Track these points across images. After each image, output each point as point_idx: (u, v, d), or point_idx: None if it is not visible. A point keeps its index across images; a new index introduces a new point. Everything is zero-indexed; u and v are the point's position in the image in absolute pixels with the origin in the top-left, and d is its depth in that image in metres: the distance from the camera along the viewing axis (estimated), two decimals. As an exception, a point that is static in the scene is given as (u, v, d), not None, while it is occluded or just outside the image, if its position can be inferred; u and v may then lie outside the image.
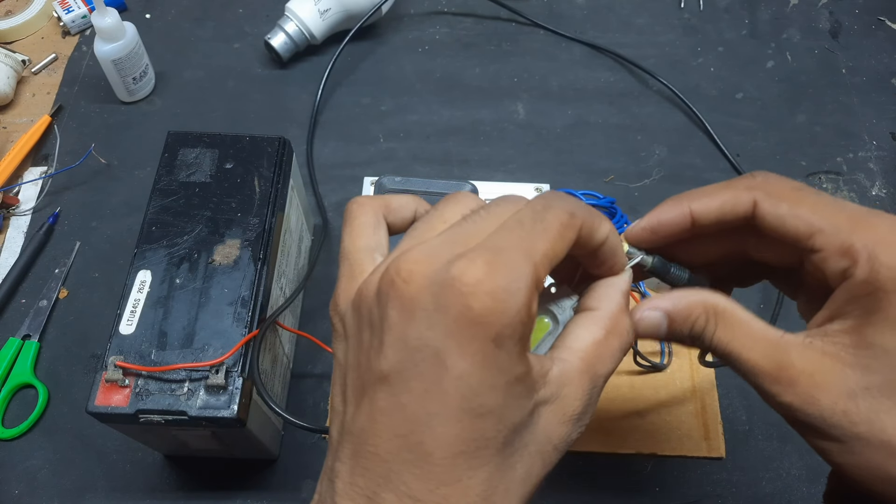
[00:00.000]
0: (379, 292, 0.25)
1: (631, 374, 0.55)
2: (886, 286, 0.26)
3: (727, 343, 0.29)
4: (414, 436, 0.23)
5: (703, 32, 0.76)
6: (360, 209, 0.30)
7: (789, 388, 0.27)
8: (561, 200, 0.26)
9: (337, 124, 0.69)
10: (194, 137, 0.51)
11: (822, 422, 0.27)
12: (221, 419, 0.41)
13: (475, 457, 0.24)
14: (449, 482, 0.23)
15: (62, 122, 0.69)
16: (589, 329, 0.28)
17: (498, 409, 0.24)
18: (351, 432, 0.25)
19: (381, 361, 0.24)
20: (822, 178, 0.66)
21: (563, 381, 0.27)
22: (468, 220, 0.26)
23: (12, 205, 0.64)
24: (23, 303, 0.59)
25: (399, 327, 0.24)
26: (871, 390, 0.26)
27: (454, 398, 0.23)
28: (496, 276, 0.23)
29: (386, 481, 0.24)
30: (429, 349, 0.23)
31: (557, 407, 0.26)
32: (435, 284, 0.23)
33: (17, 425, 0.53)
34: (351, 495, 0.24)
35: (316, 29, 0.71)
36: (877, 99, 0.71)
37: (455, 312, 0.23)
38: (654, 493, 0.51)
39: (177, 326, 0.43)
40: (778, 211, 0.28)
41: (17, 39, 0.75)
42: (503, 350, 0.23)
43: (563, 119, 0.70)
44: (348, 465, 0.25)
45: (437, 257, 0.24)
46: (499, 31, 0.77)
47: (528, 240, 0.24)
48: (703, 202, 0.30)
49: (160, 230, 0.47)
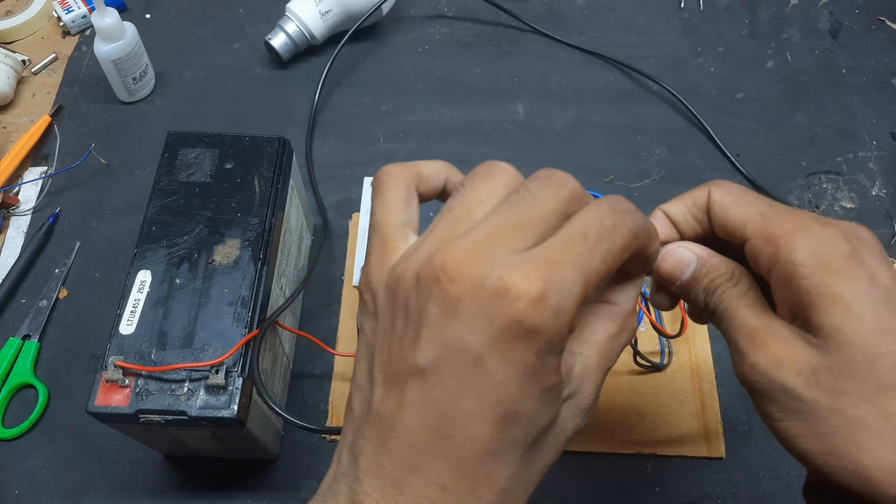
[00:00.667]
0: (419, 282, 0.25)
1: (631, 374, 0.55)
2: (804, 270, 0.27)
3: (733, 302, 0.30)
4: (445, 430, 0.24)
5: (703, 32, 0.76)
6: (391, 180, 0.30)
7: (762, 349, 0.28)
8: (629, 218, 0.26)
9: (337, 124, 0.69)
10: (194, 137, 0.51)
11: (784, 391, 0.27)
12: (221, 419, 0.41)
13: (504, 456, 0.24)
14: (477, 477, 0.24)
15: (62, 122, 0.69)
16: (605, 323, 0.29)
17: (531, 415, 0.24)
18: (379, 414, 0.26)
19: (416, 354, 0.24)
20: (822, 178, 0.66)
21: (583, 377, 0.27)
22: (512, 207, 0.25)
23: (12, 205, 0.64)
24: (23, 303, 0.59)
25: (439, 324, 0.24)
26: (832, 369, 0.27)
27: (491, 402, 0.24)
28: (549, 293, 0.23)
29: (414, 466, 0.24)
30: (470, 352, 0.23)
31: (574, 401, 0.27)
32: (483, 290, 0.23)
33: (17, 425, 0.53)
34: (376, 474, 0.25)
35: (316, 29, 0.71)
36: (877, 99, 0.71)
37: (501, 323, 0.23)
38: (654, 493, 0.51)
39: (177, 326, 0.43)
40: (724, 200, 0.31)
41: (17, 39, 0.75)
42: (542, 362, 0.24)
43: (563, 119, 0.70)
44: (373, 444, 0.25)
45: (485, 258, 0.24)
46: (499, 31, 0.77)
47: (589, 257, 0.24)
48: (672, 203, 0.34)
49: (160, 230, 0.47)
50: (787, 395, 0.27)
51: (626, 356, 0.55)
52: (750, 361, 0.28)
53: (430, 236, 0.26)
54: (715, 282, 0.31)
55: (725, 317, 0.30)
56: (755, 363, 0.28)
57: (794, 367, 0.27)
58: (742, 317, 0.30)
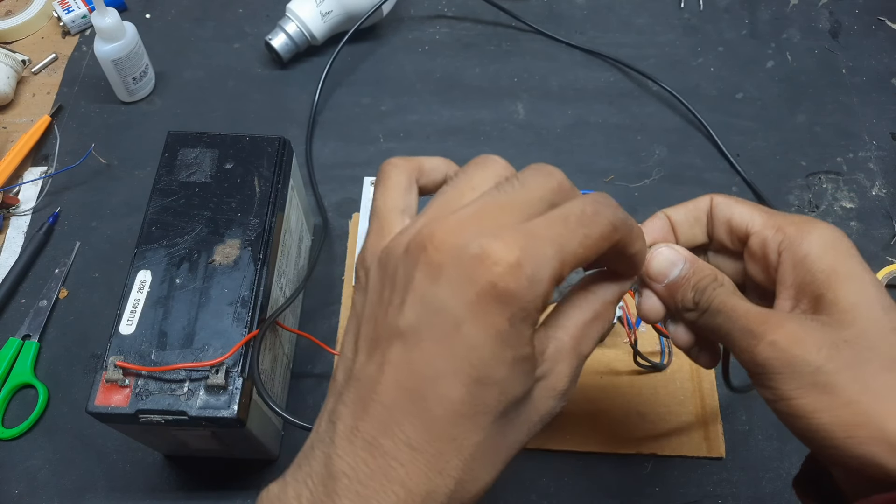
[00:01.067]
0: (407, 253, 0.26)
1: (631, 374, 0.55)
2: (818, 250, 0.30)
3: (728, 296, 0.31)
4: (419, 391, 0.25)
5: (703, 32, 0.76)
6: (393, 170, 0.31)
7: (778, 328, 0.29)
8: (611, 211, 0.27)
9: (337, 124, 0.69)
10: (194, 137, 0.51)
11: (806, 364, 0.28)
12: (221, 419, 0.41)
13: (473, 421, 0.25)
14: (445, 439, 0.25)
15: (62, 122, 0.69)
16: (581, 309, 0.30)
17: (502, 382, 0.25)
18: (358, 378, 0.26)
19: (399, 318, 0.25)
20: (822, 178, 0.66)
21: (556, 359, 0.28)
22: (500, 191, 0.27)
23: (12, 205, 0.64)
24: (23, 303, 0.59)
25: (422, 289, 0.25)
26: (849, 342, 0.28)
27: (463, 364, 0.24)
28: (525, 262, 0.24)
29: (386, 428, 0.25)
30: (448, 314, 0.24)
31: (548, 382, 0.28)
32: (465, 256, 0.24)
33: (17, 425, 0.53)
34: (350, 438, 0.25)
35: (317, 30, 0.71)
36: (877, 99, 0.71)
37: (479, 286, 0.24)
38: (654, 493, 0.51)
39: (177, 326, 0.43)
40: (728, 202, 0.35)
41: (17, 39, 0.75)
42: (515, 329, 0.24)
43: (562, 119, 0.70)
44: (351, 408, 0.26)
45: (470, 229, 0.25)
46: (499, 31, 0.77)
47: (566, 238, 0.25)
48: (675, 208, 0.36)
49: (160, 230, 0.47)
50: (809, 369, 0.28)
51: (626, 356, 0.55)
52: (769, 339, 0.29)
53: (422, 216, 0.28)
54: (703, 281, 0.32)
55: (723, 310, 0.31)
56: (775, 341, 0.29)
57: (814, 342, 0.28)
58: (744, 307, 0.31)
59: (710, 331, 0.32)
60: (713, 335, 0.32)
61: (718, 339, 0.32)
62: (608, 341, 0.56)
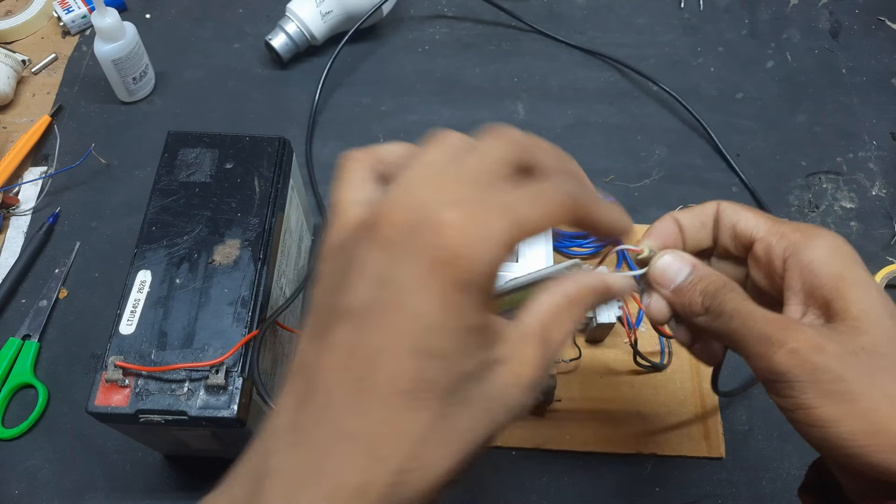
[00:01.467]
0: (359, 233, 0.25)
1: (631, 374, 0.55)
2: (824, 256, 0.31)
3: (741, 301, 0.31)
4: (359, 370, 0.23)
5: (703, 32, 0.76)
6: (350, 162, 0.30)
7: (797, 336, 0.29)
8: (568, 185, 0.26)
9: (337, 124, 0.69)
10: (194, 137, 0.51)
11: (827, 372, 0.28)
12: (221, 419, 0.41)
13: (417, 398, 0.23)
14: (387, 420, 0.23)
15: (62, 122, 0.69)
16: (553, 294, 0.28)
17: (449, 353, 0.23)
18: (303, 367, 0.25)
19: (349, 298, 0.24)
20: (822, 178, 0.66)
21: (519, 342, 0.26)
22: (456, 163, 0.26)
23: (12, 205, 0.64)
24: (23, 303, 0.59)
25: (371, 265, 0.24)
26: (866, 350, 0.28)
27: (407, 335, 0.23)
28: (474, 224, 0.23)
29: (322, 415, 0.23)
30: (396, 286, 0.23)
31: (511, 367, 0.26)
32: (417, 227, 0.23)
33: (17, 425, 0.53)
34: (288, 430, 0.24)
35: (317, 30, 0.71)
36: (877, 99, 0.71)
37: (427, 253, 0.23)
38: (654, 493, 0.51)
39: (177, 326, 0.43)
40: (734, 208, 0.35)
41: (17, 39, 0.75)
42: (465, 296, 0.23)
43: (563, 119, 0.70)
44: (294, 399, 0.24)
45: (418, 199, 0.24)
46: (499, 31, 0.77)
47: (519, 204, 0.25)
48: (683, 212, 0.37)
49: (160, 230, 0.47)
50: (829, 378, 0.28)
51: (626, 356, 0.55)
52: (790, 347, 0.28)
53: (377, 200, 0.26)
54: (712, 286, 0.32)
55: (737, 315, 0.31)
56: (796, 348, 0.28)
57: (834, 350, 0.28)
58: (761, 312, 0.30)
59: (720, 335, 0.32)
60: (724, 340, 0.32)
61: (729, 343, 0.32)
62: (608, 341, 0.56)
